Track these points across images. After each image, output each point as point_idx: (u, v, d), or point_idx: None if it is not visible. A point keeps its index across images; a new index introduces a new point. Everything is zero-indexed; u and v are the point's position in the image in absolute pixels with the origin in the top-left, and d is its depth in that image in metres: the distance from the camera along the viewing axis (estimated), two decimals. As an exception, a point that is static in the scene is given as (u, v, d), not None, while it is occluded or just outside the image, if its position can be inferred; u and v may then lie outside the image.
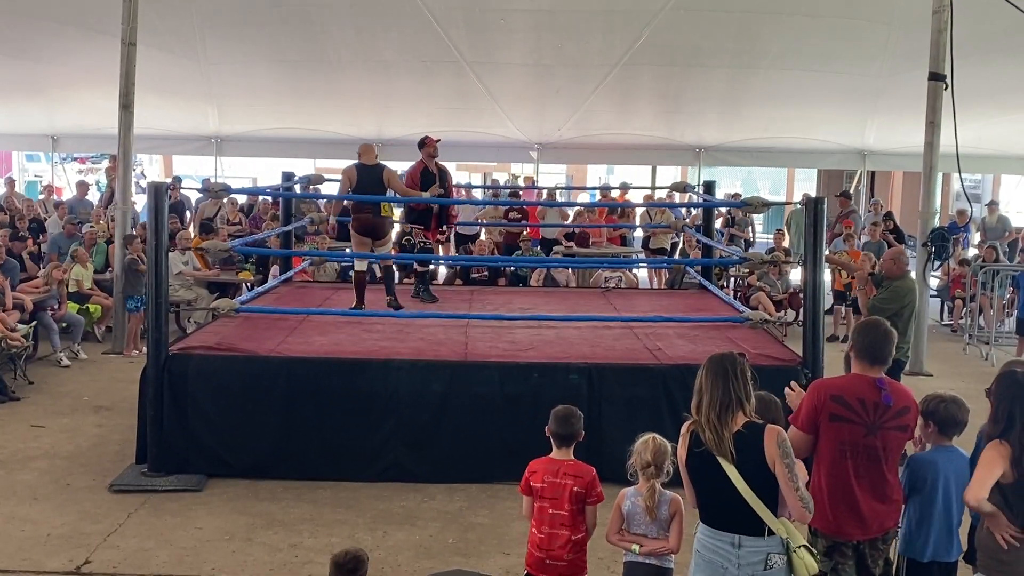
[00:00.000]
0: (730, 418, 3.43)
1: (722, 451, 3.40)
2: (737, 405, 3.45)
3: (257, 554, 5.51)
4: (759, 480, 3.38)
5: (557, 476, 4.10)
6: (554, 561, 4.07)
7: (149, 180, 12.68)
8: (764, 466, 3.39)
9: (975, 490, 3.67)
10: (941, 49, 9.91)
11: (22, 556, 5.39)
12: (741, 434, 3.42)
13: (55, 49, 13.28)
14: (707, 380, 3.50)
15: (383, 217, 8.46)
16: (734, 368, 3.50)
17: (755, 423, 3.47)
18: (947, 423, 3.97)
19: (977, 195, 20.46)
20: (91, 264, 11.25)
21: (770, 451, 3.39)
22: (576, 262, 13.32)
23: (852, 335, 4.03)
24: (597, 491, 4.12)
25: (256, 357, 6.80)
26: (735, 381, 3.47)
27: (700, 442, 3.46)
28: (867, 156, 15.83)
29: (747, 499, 3.37)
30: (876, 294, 7.37)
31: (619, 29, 12.90)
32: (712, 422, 3.43)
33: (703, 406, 3.48)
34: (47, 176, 18.43)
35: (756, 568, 3.40)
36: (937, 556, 3.93)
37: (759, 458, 3.39)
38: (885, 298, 7.24)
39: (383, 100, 14.63)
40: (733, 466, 3.39)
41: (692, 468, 3.52)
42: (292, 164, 15.83)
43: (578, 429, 4.21)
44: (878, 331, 3.94)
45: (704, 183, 11.96)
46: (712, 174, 15.18)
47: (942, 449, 3.99)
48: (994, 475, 3.68)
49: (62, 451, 7.23)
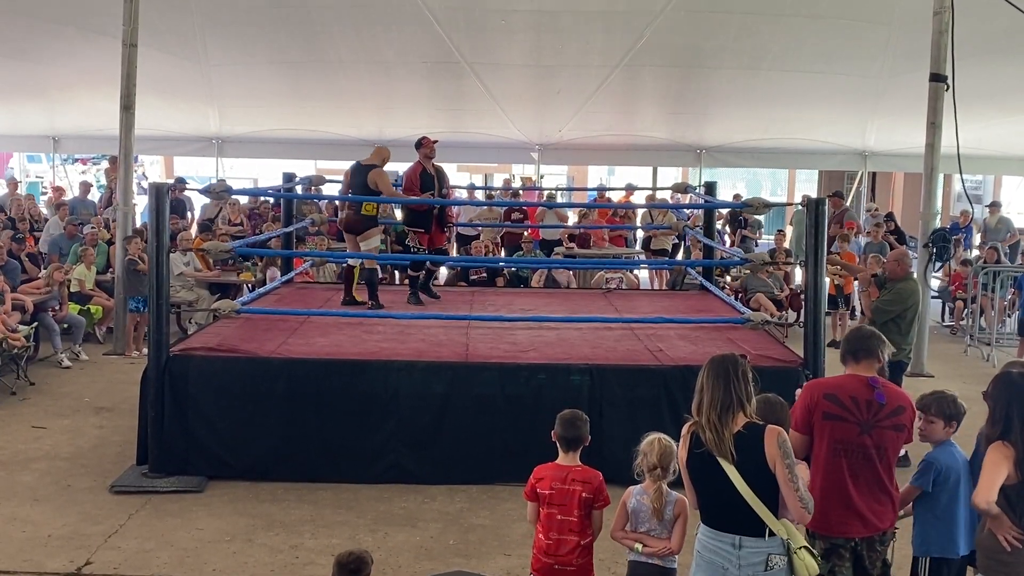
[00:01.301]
0: (731, 419, 3.44)
1: (723, 452, 3.40)
2: (738, 406, 3.45)
3: (258, 555, 5.50)
4: (760, 481, 3.38)
5: (565, 482, 4.09)
6: (563, 566, 4.07)
7: (150, 181, 12.71)
8: (765, 467, 3.39)
9: (985, 492, 3.67)
10: (942, 50, 9.90)
11: (23, 557, 5.39)
12: (742, 435, 3.42)
13: (56, 50, 13.27)
14: (708, 381, 3.51)
15: (362, 215, 8.53)
16: (735, 369, 3.50)
17: (756, 424, 3.47)
18: (951, 415, 4.01)
19: (978, 196, 20.46)
20: (94, 265, 11.25)
21: (771, 451, 3.39)
22: (577, 263, 13.32)
23: (842, 343, 4.10)
24: (604, 495, 4.12)
25: (257, 358, 6.80)
26: (736, 382, 3.47)
27: (700, 443, 3.46)
28: (868, 157, 15.83)
29: (747, 500, 3.37)
30: (879, 296, 7.37)
31: (620, 30, 12.89)
32: (713, 423, 3.44)
33: (704, 407, 3.48)
34: (48, 177, 18.45)
35: (757, 569, 3.40)
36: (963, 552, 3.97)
37: (760, 459, 3.39)
38: (889, 300, 7.23)
39: (384, 101, 14.63)
40: (733, 467, 3.39)
41: (692, 469, 3.52)
42: (293, 165, 15.82)
43: (584, 433, 4.20)
44: (862, 331, 4.05)
45: (705, 184, 11.96)
46: (713, 175, 15.17)
47: (949, 445, 4.01)
48: (1002, 476, 3.69)
49: (63, 452, 7.23)
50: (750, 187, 24.18)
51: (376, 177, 8.45)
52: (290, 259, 10.40)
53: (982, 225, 15.53)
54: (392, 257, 11.39)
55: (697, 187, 12.48)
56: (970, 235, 15.50)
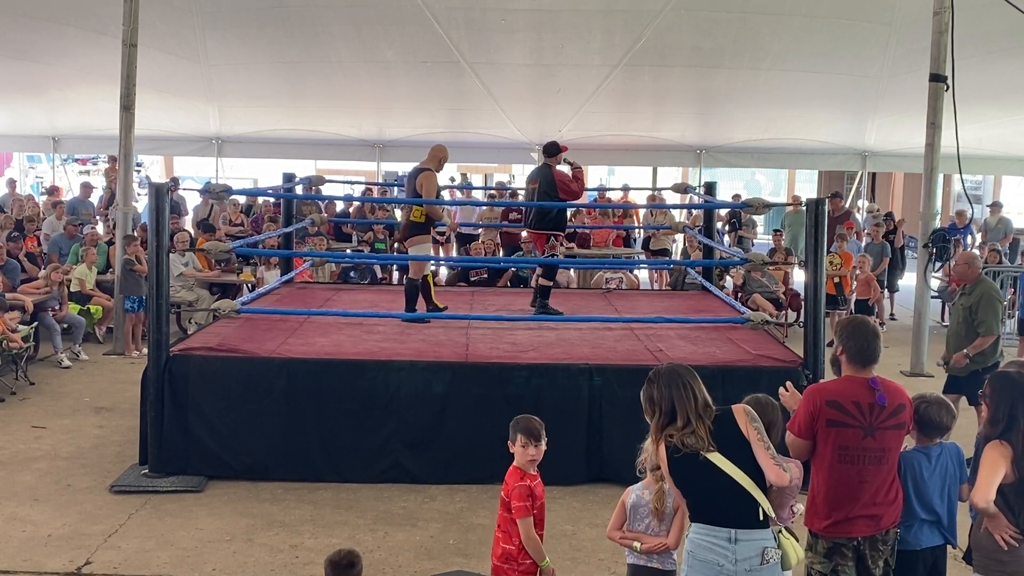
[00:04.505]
0: (707, 416, 3.52)
1: (702, 445, 3.46)
2: (703, 404, 3.55)
3: (258, 555, 5.51)
4: (744, 460, 3.46)
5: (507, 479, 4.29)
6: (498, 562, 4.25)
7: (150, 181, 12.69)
8: (745, 445, 3.47)
9: (983, 491, 3.66)
10: (942, 50, 9.90)
11: (23, 557, 5.39)
12: (714, 426, 3.51)
13: (56, 50, 13.28)
14: (665, 392, 3.56)
15: (410, 221, 8.15)
16: (689, 372, 3.61)
17: (722, 410, 3.57)
18: (925, 424, 3.95)
19: (978, 196, 20.47)
20: (95, 265, 11.25)
21: (742, 423, 3.51)
22: (577, 263, 13.32)
23: (839, 336, 3.95)
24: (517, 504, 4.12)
25: (257, 358, 6.80)
26: (695, 381, 3.57)
27: (677, 449, 3.50)
28: (868, 157, 15.84)
29: (736, 479, 3.41)
30: (966, 302, 7.30)
31: (620, 30, 12.90)
32: (695, 424, 3.49)
33: (684, 415, 3.52)
34: (48, 178, 18.44)
35: (753, 563, 3.40)
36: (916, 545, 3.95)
37: (737, 437, 3.49)
38: (985, 305, 7.20)
39: (384, 101, 14.65)
40: (717, 452, 3.45)
41: (676, 473, 3.55)
42: (293, 165, 15.84)
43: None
44: (867, 331, 3.92)
45: (705, 184, 11.95)
46: (713, 175, 15.18)
47: (923, 449, 3.96)
48: (999, 475, 3.68)
49: (63, 452, 7.24)
50: (749, 188, 24.17)
51: (424, 180, 8.04)
52: (290, 259, 10.40)
53: (982, 225, 15.53)
54: (392, 257, 11.41)
55: (697, 187, 12.48)
56: (966, 235, 15.47)
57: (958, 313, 7.48)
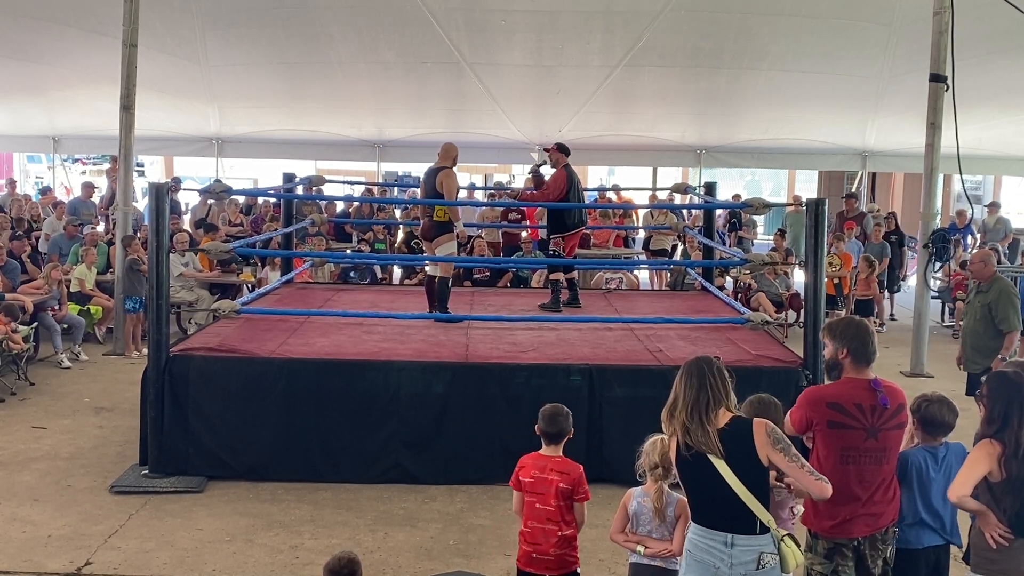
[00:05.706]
0: (713, 415, 3.46)
1: (711, 448, 3.42)
2: (717, 403, 3.48)
3: (258, 555, 5.51)
4: (749, 474, 3.40)
5: (544, 472, 4.20)
6: (541, 555, 4.16)
7: (150, 181, 12.71)
8: (755, 460, 3.41)
9: (956, 488, 3.71)
10: (942, 50, 9.90)
11: (23, 557, 5.39)
12: (727, 430, 3.44)
13: (56, 51, 13.28)
14: (684, 382, 3.54)
15: (434, 221, 8.14)
16: (710, 367, 3.55)
17: (741, 418, 3.51)
18: (928, 422, 3.98)
19: (978, 196, 20.46)
20: (95, 265, 11.25)
21: (760, 443, 3.41)
22: (577, 263, 13.28)
23: (837, 339, 3.89)
24: (584, 489, 4.20)
25: (257, 358, 6.80)
26: (713, 379, 3.50)
27: (688, 444, 3.48)
28: (868, 157, 15.84)
29: (738, 493, 3.38)
30: (984, 300, 7.31)
31: (620, 30, 12.90)
32: (698, 421, 3.46)
33: (682, 407, 3.50)
34: (48, 178, 18.43)
35: (748, 567, 3.40)
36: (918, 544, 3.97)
37: (749, 452, 3.42)
38: (1004, 302, 7.20)
39: (384, 101, 14.64)
40: (723, 461, 3.41)
41: (683, 469, 3.54)
42: (293, 165, 15.83)
43: (565, 427, 4.30)
44: (866, 330, 3.91)
45: (705, 184, 11.96)
46: (713, 175, 15.18)
47: (928, 449, 3.99)
48: (977, 473, 3.71)
49: (63, 452, 7.23)
50: (749, 188, 24.17)
51: (444, 178, 8.04)
52: (290, 259, 10.40)
53: (981, 225, 15.53)
54: (392, 258, 11.40)
55: (697, 187, 12.49)
56: (966, 236, 15.47)
57: (975, 311, 7.47)
